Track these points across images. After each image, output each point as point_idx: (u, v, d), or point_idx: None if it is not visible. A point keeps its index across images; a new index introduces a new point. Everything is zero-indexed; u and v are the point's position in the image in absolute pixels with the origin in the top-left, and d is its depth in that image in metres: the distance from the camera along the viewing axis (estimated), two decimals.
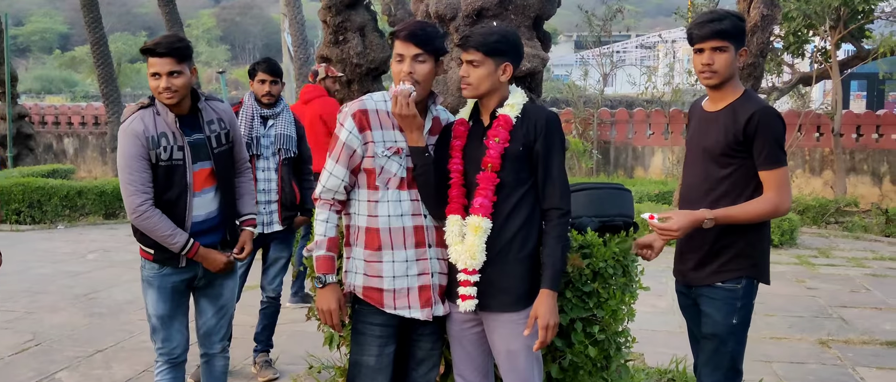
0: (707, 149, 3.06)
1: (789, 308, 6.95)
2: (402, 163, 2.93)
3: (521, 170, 2.91)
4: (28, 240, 10.27)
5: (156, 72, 3.28)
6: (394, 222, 2.93)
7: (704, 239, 3.07)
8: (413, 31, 2.85)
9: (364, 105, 2.96)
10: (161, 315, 3.55)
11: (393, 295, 2.95)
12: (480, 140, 2.95)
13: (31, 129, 17.01)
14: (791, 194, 3.00)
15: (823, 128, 15.62)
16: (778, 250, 9.96)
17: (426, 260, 2.97)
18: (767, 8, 9.69)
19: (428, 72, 2.89)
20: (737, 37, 2.99)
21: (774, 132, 2.94)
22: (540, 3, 4.43)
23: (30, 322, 6.20)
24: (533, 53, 4.32)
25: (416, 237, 2.95)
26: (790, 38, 14.51)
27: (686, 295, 3.29)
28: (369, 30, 10.79)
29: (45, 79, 47.73)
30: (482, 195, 2.88)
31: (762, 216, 2.98)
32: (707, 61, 2.98)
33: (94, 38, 16.40)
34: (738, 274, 3.06)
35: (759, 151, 2.94)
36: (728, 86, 3.04)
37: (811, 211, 12.47)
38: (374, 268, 2.96)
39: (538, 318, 2.83)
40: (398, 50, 2.89)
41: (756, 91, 10.50)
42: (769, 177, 2.96)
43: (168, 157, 3.35)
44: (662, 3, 74.66)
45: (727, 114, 3.01)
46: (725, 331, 3.09)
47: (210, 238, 3.51)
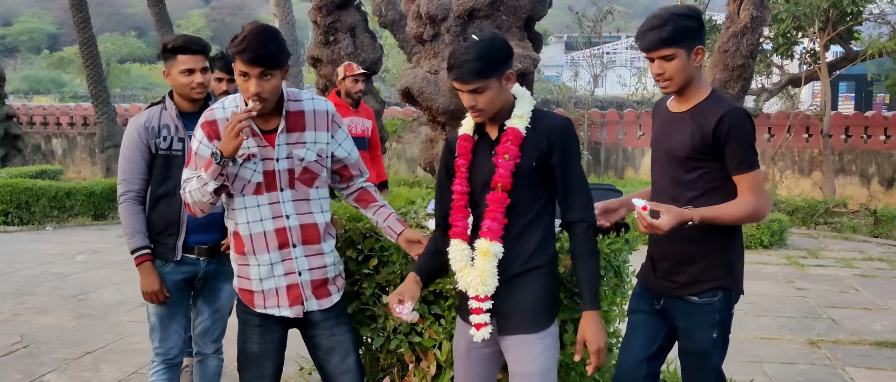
0: (671, 151, 2.88)
1: (779, 308, 6.97)
2: (255, 168, 2.90)
3: (534, 185, 2.74)
4: (16, 242, 10.20)
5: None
6: (254, 228, 2.94)
7: (676, 247, 2.88)
8: (257, 54, 2.72)
9: (213, 114, 2.94)
10: (161, 314, 3.55)
11: (262, 296, 3.01)
12: (488, 155, 2.76)
13: (19, 130, 16.92)
14: (766, 200, 2.84)
15: (812, 130, 15.68)
16: (768, 250, 10.00)
17: (292, 260, 2.97)
18: (757, 9, 9.74)
19: (275, 87, 2.83)
20: (685, 38, 2.75)
21: (746, 135, 2.78)
22: (531, 4, 4.43)
23: (18, 324, 6.16)
24: (524, 54, 4.33)
25: (279, 239, 2.95)
26: (779, 40, 14.58)
27: (647, 300, 3.05)
28: (360, 30, 10.83)
29: (33, 80, 47.42)
30: (491, 217, 2.71)
31: (744, 218, 2.80)
32: (658, 71, 2.81)
33: (83, 39, 16.31)
34: (713, 284, 2.86)
35: (733, 156, 2.78)
36: (691, 87, 2.85)
37: (800, 212, 12.51)
38: (244, 271, 3.03)
39: (588, 342, 2.71)
40: (241, 68, 2.77)
41: (745, 92, 10.56)
42: (744, 181, 2.79)
43: (167, 147, 3.43)
44: (652, 5, 74.87)
45: (694, 116, 2.82)
46: (708, 346, 2.92)
47: (208, 235, 3.52)
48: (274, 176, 2.93)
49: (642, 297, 3.09)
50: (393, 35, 11.02)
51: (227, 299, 3.70)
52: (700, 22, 2.82)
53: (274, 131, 2.93)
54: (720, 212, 2.77)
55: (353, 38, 10.37)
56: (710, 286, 2.87)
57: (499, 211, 2.71)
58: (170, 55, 3.45)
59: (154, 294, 3.44)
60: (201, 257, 3.53)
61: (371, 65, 10.83)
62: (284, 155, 2.93)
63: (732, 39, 9.88)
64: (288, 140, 2.94)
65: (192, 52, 3.43)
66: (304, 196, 2.99)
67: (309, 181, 2.99)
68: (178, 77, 3.44)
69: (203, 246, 3.51)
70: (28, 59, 57.17)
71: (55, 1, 62.44)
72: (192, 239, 3.48)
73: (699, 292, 2.87)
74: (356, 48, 10.29)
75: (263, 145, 2.92)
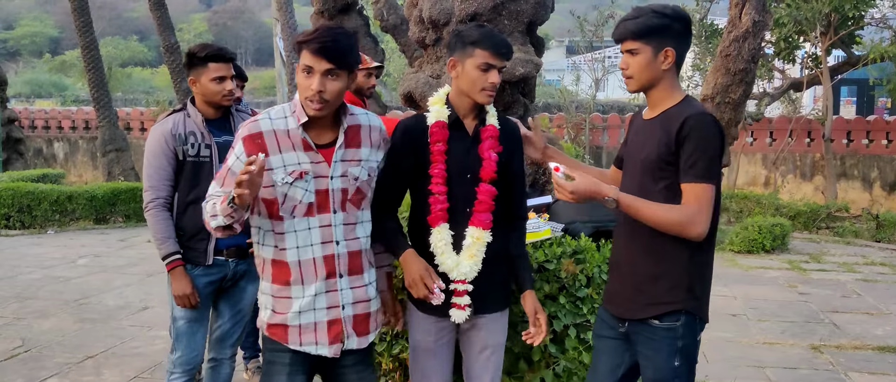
0: (643, 161, 2.70)
1: (781, 313, 6.96)
2: (307, 187, 2.64)
3: (501, 179, 2.91)
4: (18, 245, 10.20)
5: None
6: (303, 254, 2.67)
7: (636, 266, 2.73)
8: (325, 45, 2.53)
9: (258, 126, 2.65)
10: (190, 319, 3.54)
11: (298, 330, 2.71)
12: (466, 148, 2.88)
13: (21, 134, 16.94)
14: (709, 219, 2.56)
15: (814, 134, 15.68)
16: (770, 255, 9.99)
17: (336, 292, 2.71)
18: (759, 14, 9.73)
19: (339, 91, 2.60)
20: (653, 35, 2.63)
21: (705, 140, 2.55)
22: (533, 8, 4.43)
23: (19, 328, 6.15)
24: (526, 58, 4.32)
25: (327, 267, 2.69)
26: (781, 44, 14.58)
27: (610, 326, 2.87)
28: (362, 35, 10.84)
29: (35, 83, 47.45)
30: (484, 208, 2.86)
31: (668, 224, 2.56)
32: (621, 65, 2.69)
33: (85, 42, 16.33)
34: (675, 307, 2.65)
35: (686, 159, 2.56)
36: (660, 91, 2.70)
37: (802, 217, 12.50)
38: (282, 304, 2.72)
39: (539, 313, 2.95)
40: (306, 61, 2.56)
41: (747, 96, 10.54)
42: (690, 191, 2.56)
43: (195, 154, 3.45)
44: None
45: (662, 123, 2.66)
46: (669, 375, 2.68)
47: (239, 237, 3.44)
48: (327, 195, 2.68)
49: (605, 321, 2.91)
50: (394, 39, 11.01)
51: (250, 300, 3.72)
52: (681, 23, 2.66)
53: (330, 145, 2.68)
54: (643, 206, 2.58)
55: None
56: (672, 308, 2.66)
57: (489, 202, 2.87)
58: (199, 63, 3.48)
59: (187, 297, 3.44)
60: (230, 258, 3.55)
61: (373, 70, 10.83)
62: (339, 173, 2.69)
63: (734, 44, 9.88)
64: (344, 156, 2.70)
65: (224, 60, 3.48)
66: (353, 219, 2.75)
67: (358, 202, 2.76)
68: (209, 85, 3.47)
69: (232, 248, 3.53)
70: (30, 63, 57.24)
71: (57, 5, 62.56)
72: (222, 242, 3.50)
73: (660, 314, 2.67)
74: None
75: (318, 161, 2.66)
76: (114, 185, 12.73)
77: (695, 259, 2.66)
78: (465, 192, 2.87)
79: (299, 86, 2.58)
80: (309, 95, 2.56)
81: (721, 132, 2.60)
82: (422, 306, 2.94)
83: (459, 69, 2.83)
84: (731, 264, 9.37)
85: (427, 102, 2.97)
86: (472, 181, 2.87)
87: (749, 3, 9.78)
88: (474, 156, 2.88)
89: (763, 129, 16.03)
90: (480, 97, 2.82)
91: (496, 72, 2.80)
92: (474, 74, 2.79)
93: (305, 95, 2.57)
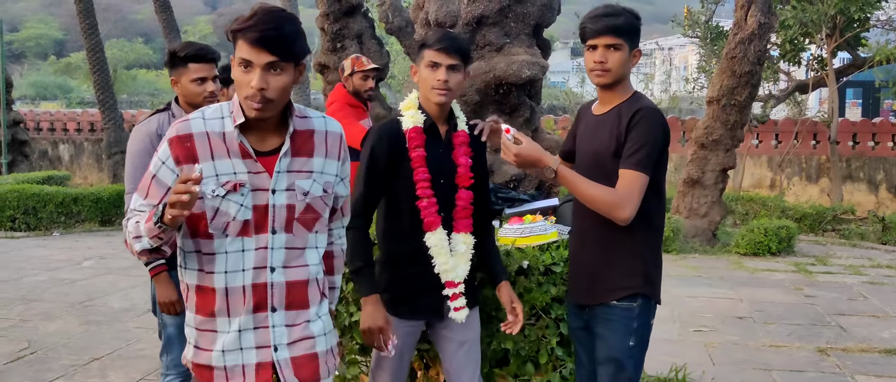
0: (594, 154, 2.82)
1: (788, 316, 6.94)
2: (243, 202, 2.20)
3: (473, 183, 2.98)
4: (23, 247, 10.22)
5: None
6: (232, 280, 2.23)
7: (593, 255, 2.86)
8: (266, 35, 2.10)
9: (188, 127, 2.22)
10: (179, 323, 3.48)
11: (224, 374, 2.26)
12: (440, 152, 2.93)
13: (26, 136, 16.99)
14: (636, 207, 2.66)
15: (820, 136, 15.64)
16: (776, 257, 9.96)
17: (267, 329, 2.26)
18: (764, 16, 9.73)
19: (284, 87, 2.17)
20: (631, 35, 2.77)
21: (649, 132, 2.69)
22: (540, 11, 4.44)
23: (25, 330, 6.16)
24: (532, 61, 4.33)
25: (256, 298, 2.24)
26: (787, 46, 14.56)
27: (578, 316, 2.99)
28: (367, 37, 10.84)
29: (40, 86, 47.58)
30: (465, 214, 2.95)
31: (598, 203, 2.68)
32: (600, 58, 2.76)
33: (90, 45, 16.37)
34: (632, 291, 2.79)
35: (628, 147, 2.68)
36: (619, 87, 2.82)
37: (808, 219, 12.47)
38: (205, 339, 2.29)
39: (515, 303, 3.03)
40: (243, 54, 2.13)
41: (753, 98, 10.54)
42: (624, 177, 2.67)
43: None
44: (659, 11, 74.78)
45: (613, 116, 2.79)
46: (623, 354, 2.80)
47: None
48: (266, 212, 2.23)
49: (574, 314, 3.04)
50: (400, 41, 11.01)
51: None
52: (640, 27, 2.86)
53: (273, 153, 2.25)
54: (580, 181, 2.71)
55: (360, 45, 10.37)
56: (629, 292, 2.80)
57: (469, 207, 2.95)
58: (180, 63, 3.44)
59: (172, 304, 3.38)
60: None
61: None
62: (284, 186, 2.25)
63: (740, 46, 9.87)
64: (290, 166, 2.26)
65: (205, 60, 3.43)
66: (301, 243, 2.30)
67: (310, 223, 2.31)
68: (189, 85, 3.43)
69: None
70: (35, 65, 57.37)
71: (62, 7, 62.69)
72: None
73: (619, 297, 2.80)
74: (363, 54, 10.30)
75: (257, 171, 2.22)
76: (119, 187, 12.74)
77: (646, 246, 2.82)
78: (441, 197, 2.91)
79: (237, 83, 2.16)
80: (248, 94, 2.12)
81: (666, 127, 2.75)
82: (392, 309, 2.94)
83: (418, 73, 2.91)
84: (737, 266, 9.35)
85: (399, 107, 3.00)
86: (447, 186, 2.93)
87: (755, 5, 9.77)
88: (448, 162, 2.93)
89: (769, 131, 15.99)
90: (432, 96, 2.85)
91: (445, 69, 2.81)
92: (425, 73, 2.86)
93: (244, 94, 2.14)
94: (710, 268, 9.13)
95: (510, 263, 3.26)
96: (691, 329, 6.35)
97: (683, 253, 9.97)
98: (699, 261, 9.57)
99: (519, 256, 3.30)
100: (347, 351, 3.55)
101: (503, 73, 4.52)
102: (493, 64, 4.52)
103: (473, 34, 4.42)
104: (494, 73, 4.52)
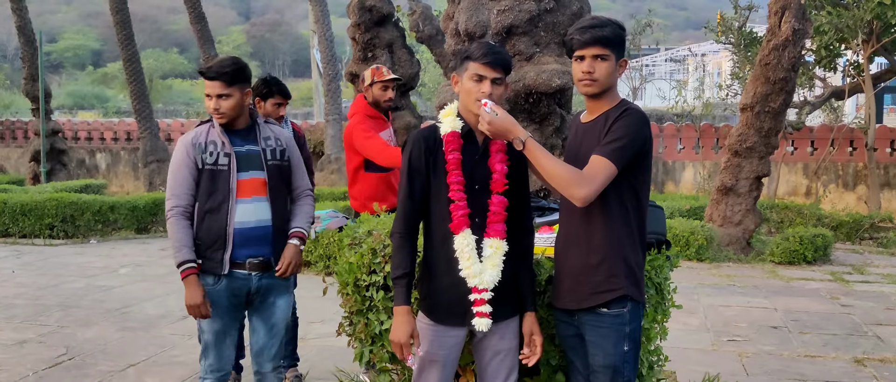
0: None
1: (823, 325, 6.84)
2: None
3: (509, 192, 2.98)
4: (61, 255, 10.40)
5: (208, 94, 3.45)
6: None
7: (575, 258, 2.91)
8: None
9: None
10: (215, 330, 3.57)
11: None
12: (476, 158, 2.95)
13: (65, 145, 17.32)
14: (595, 191, 2.70)
15: (857, 143, 15.42)
16: (811, 266, 9.83)
17: None
18: (799, 22, 9.62)
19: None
20: (618, 46, 2.84)
21: (629, 128, 2.76)
22: (570, 20, 4.44)
23: (63, 337, 6.27)
24: (563, 70, 4.33)
25: None
26: (822, 52, 14.38)
27: (568, 323, 3.02)
28: (398, 46, 10.91)
29: (77, 95, 48.44)
30: (498, 219, 2.94)
31: (557, 179, 2.74)
32: (587, 69, 2.82)
33: (127, 55, 16.64)
34: (619, 293, 2.83)
35: (606, 136, 2.77)
36: (606, 96, 2.89)
37: (845, 227, 12.29)
38: None
39: (535, 335, 3.02)
40: None
41: (787, 105, 10.42)
42: (592, 161, 2.74)
43: (213, 162, 3.48)
44: (692, 17, 74.24)
45: (600, 121, 2.86)
46: (619, 360, 2.87)
47: (260, 249, 3.54)
48: None
49: (562, 320, 3.06)
50: (430, 50, 11.09)
51: (283, 315, 3.70)
52: (625, 38, 2.93)
53: None
54: (542, 154, 2.76)
55: (390, 54, 10.47)
56: (617, 295, 2.83)
57: (503, 213, 2.94)
58: (204, 78, 3.56)
59: (197, 307, 3.45)
60: (253, 272, 3.55)
61: (409, 81, 10.90)
62: None
63: (773, 52, 9.78)
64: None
65: (209, 77, 3.47)
66: None
67: None
68: (206, 100, 3.54)
69: (254, 260, 3.52)
70: (72, 75, 58.44)
71: (99, 18, 63.76)
72: (241, 253, 3.50)
73: (607, 301, 2.84)
74: (394, 64, 10.39)
75: None
76: (155, 195, 12.94)
77: (628, 246, 2.86)
78: (475, 203, 2.93)
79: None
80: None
81: (648, 130, 2.82)
82: (434, 315, 2.98)
83: (459, 84, 2.94)
84: (772, 275, 9.24)
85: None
86: (481, 192, 2.94)
87: (789, 11, 9.67)
88: (484, 169, 2.95)
89: (804, 138, 15.81)
90: (474, 107, 2.87)
91: (489, 82, 2.85)
92: (469, 85, 2.88)
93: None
94: (744, 277, 9.03)
95: (541, 272, 3.25)
96: (725, 339, 6.29)
97: (717, 262, 9.87)
98: (733, 270, 9.48)
99: (549, 265, 3.30)
100: (378, 360, 3.57)
101: (533, 82, 4.53)
102: (522, 73, 4.53)
103: (503, 44, 4.44)
104: (524, 82, 4.53)
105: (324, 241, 8.65)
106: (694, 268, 9.31)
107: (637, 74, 18.63)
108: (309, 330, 6.26)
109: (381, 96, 5.04)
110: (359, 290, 3.49)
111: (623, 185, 2.80)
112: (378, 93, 5.04)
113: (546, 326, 3.19)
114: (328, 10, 17.87)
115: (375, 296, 3.44)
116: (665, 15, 45.01)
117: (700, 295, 7.93)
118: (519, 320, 3.07)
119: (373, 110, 5.08)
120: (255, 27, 73.77)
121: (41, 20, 52.85)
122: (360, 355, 3.65)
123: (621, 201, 2.83)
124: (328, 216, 8.83)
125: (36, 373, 5.35)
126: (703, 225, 10.15)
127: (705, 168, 16.19)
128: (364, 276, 3.45)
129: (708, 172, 15.96)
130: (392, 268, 2.95)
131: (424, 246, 3.04)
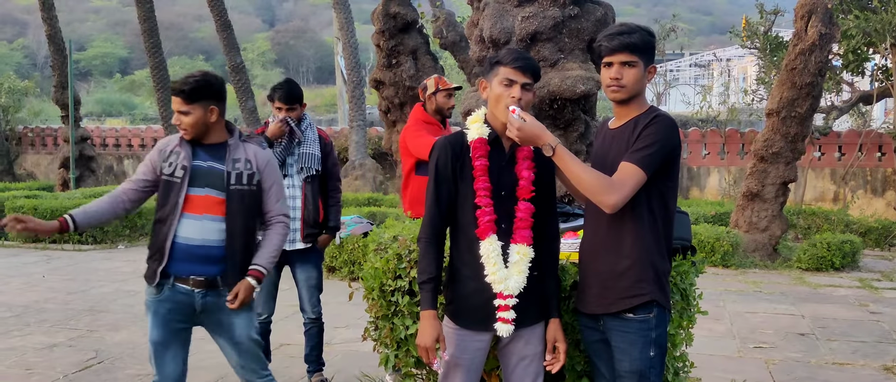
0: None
1: (852, 333, 6.77)
2: None
3: (535, 199, 2.98)
4: (90, 260, 10.54)
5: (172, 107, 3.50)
6: None
7: (602, 264, 2.91)
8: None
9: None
10: (155, 341, 3.53)
11: None
12: (503, 165, 2.96)
13: (93, 151, 17.53)
14: (625, 198, 2.71)
15: (885, 148, 15.24)
16: (839, 273, 9.73)
17: None
18: (826, 26, 9.54)
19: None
20: (646, 52, 2.84)
21: (659, 134, 2.75)
22: (594, 26, 4.44)
23: (92, 341, 6.35)
24: (587, 76, 4.34)
25: None
26: (849, 56, 14.24)
27: (593, 329, 3.01)
28: (421, 53, 10.94)
29: (105, 103, 49.00)
30: (524, 225, 2.94)
31: (587, 185, 2.74)
32: (615, 75, 2.82)
33: (154, 63, 16.84)
34: (646, 298, 2.82)
35: (636, 142, 2.76)
36: (635, 102, 2.88)
37: (874, 234, 12.15)
38: None
39: (559, 342, 3.03)
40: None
41: (814, 110, 10.32)
42: (622, 168, 2.74)
43: (170, 173, 3.45)
44: (717, 22, 73.77)
45: (629, 127, 2.85)
46: (646, 366, 2.86)
47: (205, 268, 3.46)
48: None
49: (587, 325, 3.05)
50: (454, 56, 11.11)
51: (245, 331, 3.61)
52: (654, 44, 2.92)
53: None
54: (572, 160, 2.77)
55: (414, 61, 10.50)
56: (644, 301, 2.82)
57: (529, 220, 2.94)
58: None
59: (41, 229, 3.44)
60: (196, 289, 3.46)
61: None
62: None
63: (800, 57, 9.70)
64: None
65: (172, 92, 3.44)
66: None
67: None
68: None
69: (198, 278, 3.44)
70: (101, 83, 59.12)
71: (127, 26, 64.53)
72: (182, 268, 3.44)
73: (633, 307, 2.83)
74: (418, 70, 10.41)
75: None
76: None
77: (655, 253, 2.84)
78: (501, 209, 2.93)
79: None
80: None
81: (678, 136, 2.82)
82: (459, 320, 2.99)
83: (488, 89, 2.95)
84: (799, 282, 9.15)
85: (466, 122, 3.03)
86: (508, 199, 2.95)
87: (815, 15, 9.60)
88: (511, 175, 2.96)
89: (831, 144, 15.64)
90: (503, 114, 2.87)
91: (519, 87, 2.86)
92: (498, 90, 2.88)
93: None
94: (771, 284, 8.96)
95: (565, 278, 3.26)
96: (751, 346, 6.24)
97: (743, 268, 9.80)
98: (759, 276, 9.40)
99: (574, 271, 3.30)
100: (403, 364, 3.59)
101: (558, 89, 4.54)
102: (547, 79, 4.54)
103: (527, 50, 4.46)
104: (549, 88, 4.54)
105: (348, 247, 8.70)
106: (719, 275, 9.25)
107: (661, 79, 18.51)
108: (334, 335, 6.29)
109: (444, 103, 5.14)
110: (384, 295, 3.51)
111: (652, 191, 2.80)
112: (442, 100, 5.14)
113: (571, 332, 3.20)
114: (353, 18, 17.96)
115: (401, 301, 3.46)
116: (690, 20, 44.77)
117: (726, 301, 7.87)
118: (545, 326, 3.06)
119: (430, 117, 5.18)
120: (280, 34, 74.25)
121: (70, 29, 53.54)
122: (385, 359, 3.66)
123: (650, 207, 2.82)
124: (353, 221, 8.91)
125: (66, 376, 5.42)
126: (729, 231, 10.08)
127: (730, 173, 16.08)
128: (389, 281, 3.47)
129: (733, 178, 15.84)
130: (418, 273, 2.98)
131: (451, 251, 3.05)
